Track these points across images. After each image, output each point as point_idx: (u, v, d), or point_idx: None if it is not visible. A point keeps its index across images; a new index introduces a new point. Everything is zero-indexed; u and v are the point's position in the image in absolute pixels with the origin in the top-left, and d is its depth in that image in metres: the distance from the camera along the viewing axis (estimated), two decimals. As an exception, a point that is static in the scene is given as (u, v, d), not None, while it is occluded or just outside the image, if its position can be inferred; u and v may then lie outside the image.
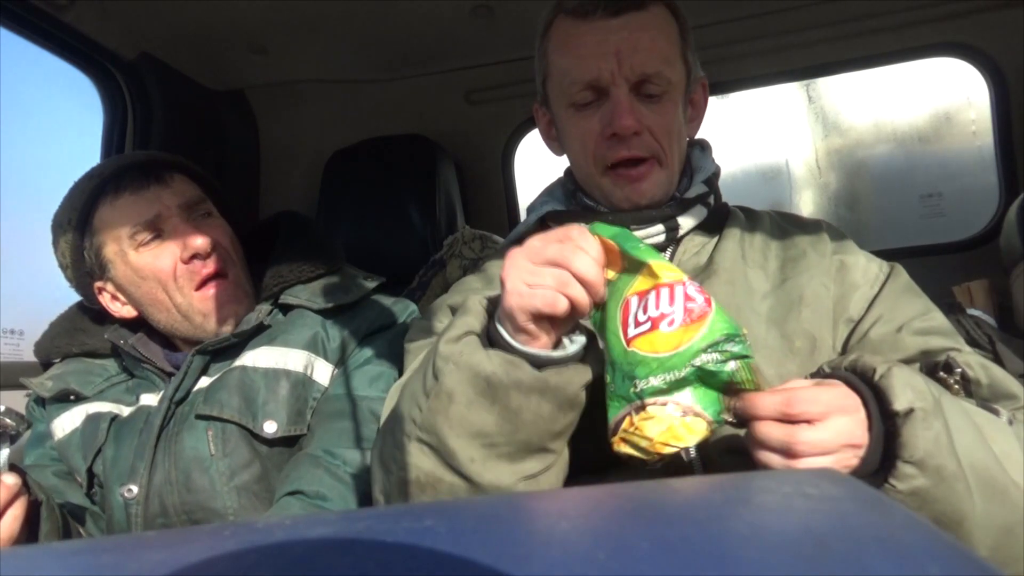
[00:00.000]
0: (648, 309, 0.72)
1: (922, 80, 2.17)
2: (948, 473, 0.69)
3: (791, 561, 0.31)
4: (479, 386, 0.73)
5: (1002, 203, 1.86)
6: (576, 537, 0.35)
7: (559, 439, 0.79)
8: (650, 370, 0.71)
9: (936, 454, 0.68)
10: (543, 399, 0.74)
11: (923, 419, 0.69)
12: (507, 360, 0.73)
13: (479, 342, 0.76)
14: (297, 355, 1.20)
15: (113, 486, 1.17)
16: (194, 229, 1.20)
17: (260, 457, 1.16)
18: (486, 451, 0.75)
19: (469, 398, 0.74)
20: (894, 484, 0.68)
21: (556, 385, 0.74)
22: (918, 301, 0.98)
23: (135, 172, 1.22)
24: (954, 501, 0.69)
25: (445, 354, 0.76)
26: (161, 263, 1.19)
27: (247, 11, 1.64)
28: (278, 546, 0.35)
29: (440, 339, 0.78)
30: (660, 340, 0.71)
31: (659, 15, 1.00)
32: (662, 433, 0.71)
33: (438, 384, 0.75)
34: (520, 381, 0.73)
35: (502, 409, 0.74)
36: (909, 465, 0.68)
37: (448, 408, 0.75)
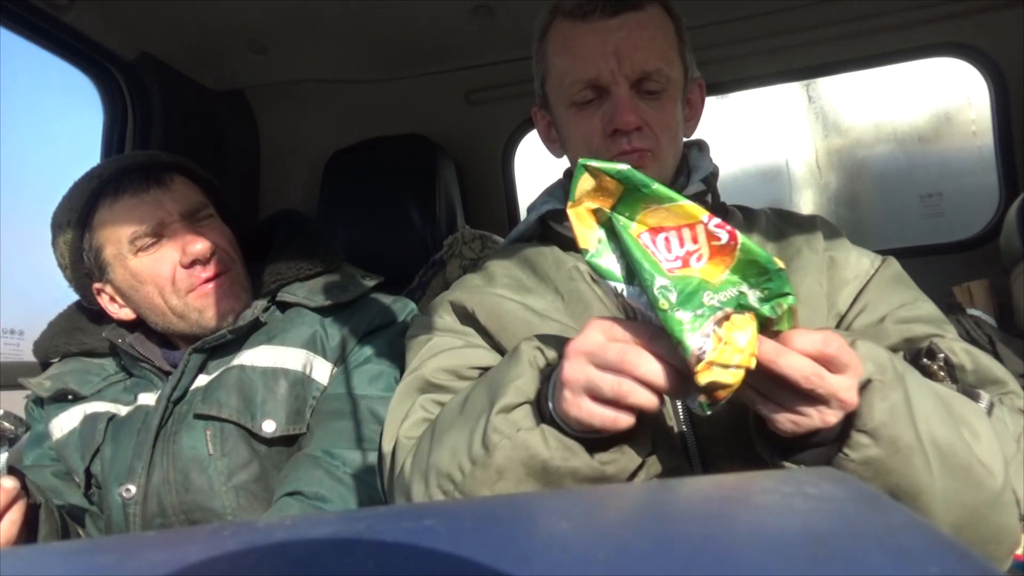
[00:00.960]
0: (671, 248, 0.67)
1: (922, 80, 2.17)
2: (903, 444, 0.69)
3: (791, 561, 0.31)
4: (533, 468, 0.71)
5: (1002, 203, 1.86)
6: (576, 537, 0.35)
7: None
8: (709, 287, 0.65)
9: (891, 424, 0.68)
10: (592, 482, 0.72)
11: (879, 390, 0.69)
12: (564, 446, 0.70)
13: (533, 414, 0.73)
14: (296, 354, 1.20)
15: (111, 486, 1.17)
16: (195, 234, 1.20)
17: (259, 457, 1.16)
18: None
19: (519, 477, 0.72)
20: (847, 453, 0.68)
21: (612, 474, 0.72)
22: (905, 291, 0.98)
23: (135, 174, 1.21)
24: (909, 474, 0.69)
25: (499, 427, 0.72)
26: (160, 268, 1.19)
27: (247, 11, 1.64)
28: (278, 546, 0.35)
29: (494, 403, 0.73)
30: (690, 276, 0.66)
31: (656, 15, 1.01)
32: (750, 342, 0.64)
33: (488, 457, 0.72)
34: (577, 470, 0.70)
35: (550, 487, 0.72)
36: (862, 434, 0.68)
37: (495, 483, 0.72)
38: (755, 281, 0.66)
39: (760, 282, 0.66)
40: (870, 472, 0.68)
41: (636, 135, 0.97)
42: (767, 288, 0.65)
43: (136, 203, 1.18)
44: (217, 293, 1.21)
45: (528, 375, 0.74)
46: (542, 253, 1.06)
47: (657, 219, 0.68)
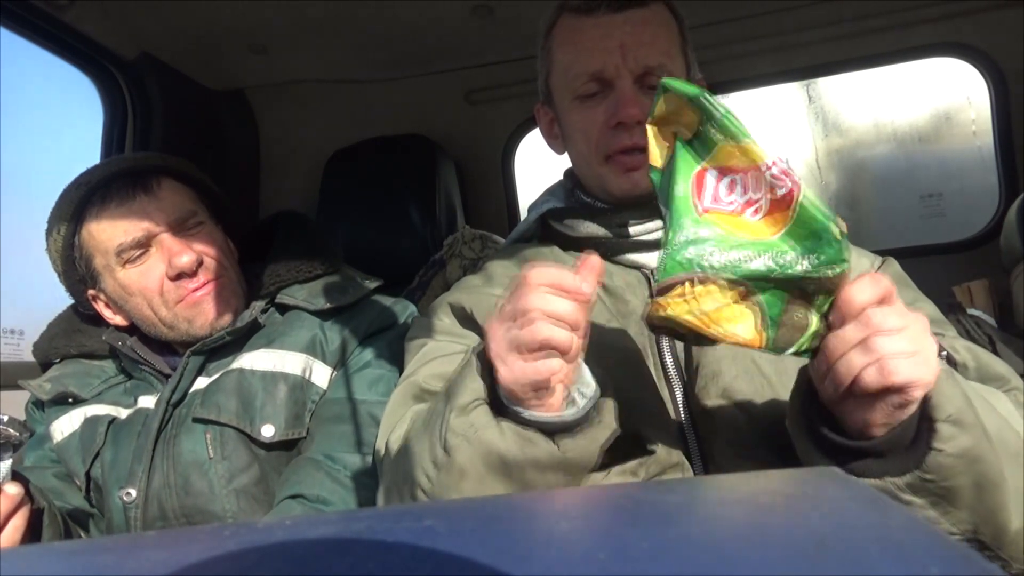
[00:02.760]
0: (732, 191, 0.67)
1: (922, 80, 2.17)
2: (981, 431, 0.67)
3: (791, 561, 0.31)
4: (493, 463, 0.71)
5: (1002, 203, 1.86)
6: (576, 537, 0.35)
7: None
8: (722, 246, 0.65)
9: (967, 411, 0.67)
10: (558, 473, 0.72)
11: (947, 378, 0.67)
12: (521, 436, 0.71)
13: (489, 412, 0.73)
14: (295, 358, 1.19)
15: (112, 489, 1.17)
16: (181, 246, 1.18)
17: (259, 460, 1.16)
18: None
19: (481, 475, 0.72)
20: (940, 448, 0.65)
21: (574, 460, 0.72)
22: (906, 292, 0.98)
23: (121, 181, 1.19)
24: (992, 461, 0.67)
25: (456, 428, 0.73)
26: (147, 280, 1.18)
27: (247, 11, 1.64)
28: (278, 546, 0.35)
29: (449, 407, 0.74)
30: (741, 225, 0.66)
31: (660, 12, 1.02)
32: (717, 311, 0.65)
33: (449, 459, 0.73)
34: (537, 460, 0.71)
35: (517, 485, 0.72)
36: (947, 424, 0.66)
37: (459, 484, 0.73)
38: (808, 246, 0.65)
39: (814, 247, 0.64)
40: (963, 464, 0.66)
41: (638, 129, 0.98)
42: (820, 255, 0.64)
43: (122, 212, 1.16)
44: (205, 302, 1.19)
45: (475, 376, 0.75)
46: (541, 253, 1.06)
47: (727, 156, 0.67)
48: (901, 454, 0.68)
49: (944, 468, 0.66)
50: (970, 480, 0.67)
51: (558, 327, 0.67)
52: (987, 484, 0.68)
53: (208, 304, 1.20)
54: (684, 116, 0.69)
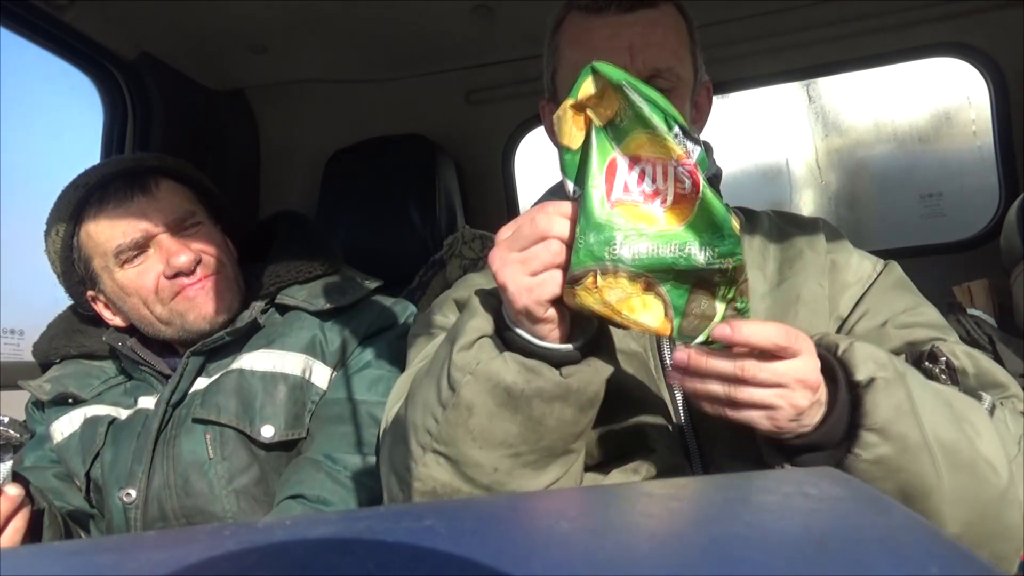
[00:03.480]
0: (642, 181, 0.69)
1: (922, 80, 2.17)
2: (912, 442, 0.69)
3: (791, 561, 0.31)
4: (499, 396, 0.72)
5: (1002, 203, 1.86)
6: (576, 537, 0.35)
7: (580, 439, 0.78)
8: (629, 238, 0.68)
9: (898, 421, 0.69)
10: (566, 404, 0.73)
11: (883, 388, 0.69)
12: (526, 367, 0.72)
13: (493, 346, 0.74)
14: (295, 358, 1.19)
15: (112, 490, 1.17)
16: (179, 246, 1.18)
17: (259, 460, 1.16)
18: (511, 461, 0.74)
19: (490, 409, 0.72)
20: (858, 453, 0.69)
21: (577, 388, 0.73)
22: (908, 296, 0.98)
23: (119, 182, 1.19)
24: (919, 471, 0.69)
25: (460, 363, 0.73)
26: (144, 280, 1.18)
27: (247, 11, 1.64)
28: (278, 546, 0.35)
29: (453, 346, 0.75)
30: (646, 216, 0.69)
31: (670, 14, 1.01)
32: (620, 302, 0.69)
33: (456, 396, 0.73)
34: (542, 389, 0.71)
35: (525, 419, 0.72)
36: (871, 432, 0.68)
37: (468, 420, 0.73)
38: (707, 239, 0.68)
39: (712, 240, 0.68)
40: (881, 471, 0.69)
41: None
42: (717, 248, 0.68)
43: (120, 214, 1.16)
44: (200, 296, 1.19)
45: (482, 315, 0.76)
46: None
47: (638, 146, 0.70)
48: (830, 451, 0.71)
49: (860, 472, 0.69)
50: (892, 486, 0.69)
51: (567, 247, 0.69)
52: (912, 492, 0.70)
53: (203, 298, 1.19)
54: (605, 101, 0.70)
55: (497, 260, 0.72)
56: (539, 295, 0.70)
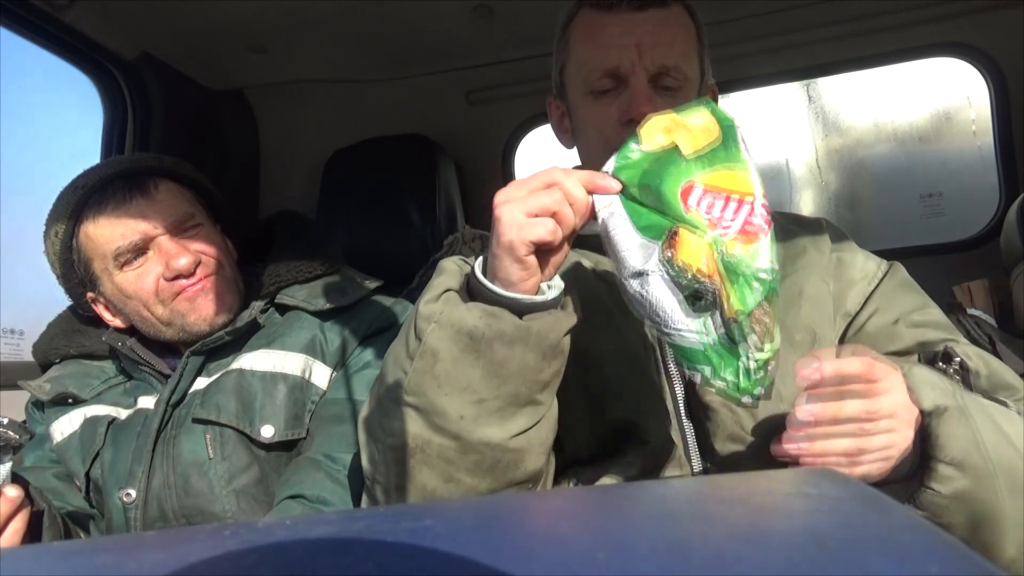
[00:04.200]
0: (712, 209, 0.71)
1: (922, 80, 2.16)
2: (984, 472, 0.68)
3: (791, 561, 0.31)
4: (462, 341, 0.74)
5: (1002, 203, 1.86)
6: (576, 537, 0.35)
7: (546, 390, 0.79)
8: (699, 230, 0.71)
9: (972, 453, 0.68)
10: (527, 348, 0.74)
11: (956, 418, 0.68)
12: (488, 312, 0.74)
13: (459, 298, 0.76)
14: (295, 358, 1.19)
15: (111, 490, 1.16)
16: (179, 248, 1.17)
17: (258, 460, 1.16)
18: (476, 408, 0.75)
19: (454, 355, 0.74)
20: (936, 488, 0.67)
21: (538, 332, 0.74)
22: (915, 296, 0.98)
23: (118, 183, 1.19)
24: (990, 500, 0.68)
25: (425, 314, 0.76)
26: (143, 283, 1.18)
27: (247, 11, 1.64)
28: (278, 546, 0.35)
29: (419, 300, 0.78)
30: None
31: (680, 14, 1.02)
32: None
33: (421, 344, 0.75)
34: (503, 332, 0.73)
35: (487, 363, 0.74)
36: (949, 467, 0.67)
37: (434, 367, 0.75)
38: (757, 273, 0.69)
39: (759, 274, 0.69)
40: (958, 506, 0.67)
41: None
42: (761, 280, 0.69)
43: (119, 215, 1.16)
44: (200, 297, 1.19)
45: (450, 273, 0.80)
46: None
47: (717, 179, 0.72)
48: (899, 483, 0.69)
49: (937, 507, 0.68)
50: (964, 518, 0.68)
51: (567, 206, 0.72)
52: (982, 522, 0.69)
53: (203, 299, 1.19)
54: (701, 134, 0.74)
55: (501, 195, 0.74)
56: (527, 234, 0.72)
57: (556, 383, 0.80)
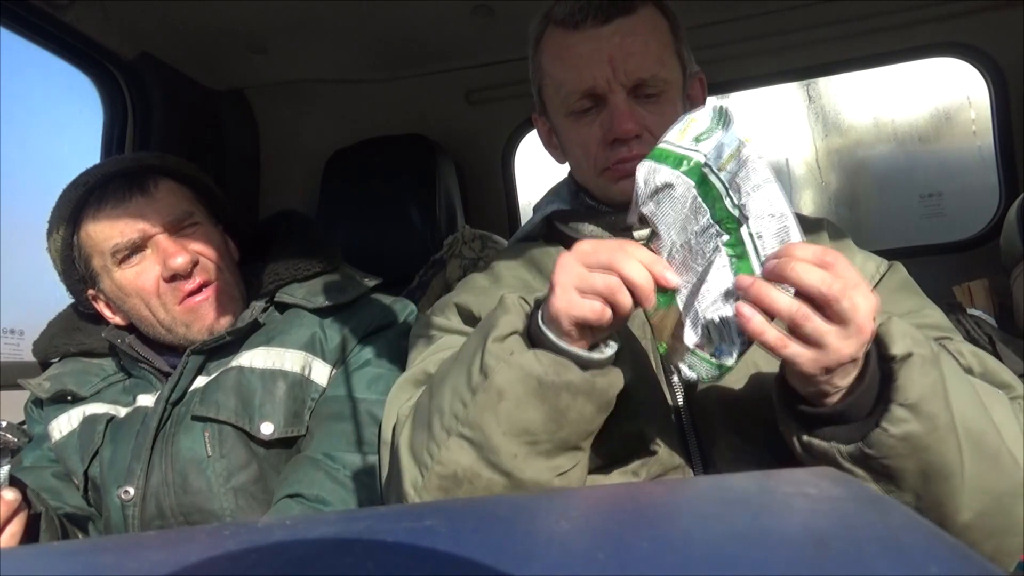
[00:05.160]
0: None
1: (922, 80, 2.16)
2: (941, 423, 0.69)
3: (791, 561, 0.31)
4: (530, 385, 0.74)
5: (1002, 203, 1.86)
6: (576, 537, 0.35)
7: (589, 438, 0.81)
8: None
9: (931, 401, 0.69)
10: (588, 401, 0.75)
11: (920, 365, 0.69)
12: (556, 361, 0.74)
13: (524, 342, 0.77)
14: (294, 356, 1.19)
15: (110, 488, 1.17)
16: (176, 247, 1.17)
17: (257, 458, 1.16)
18: (528, 448, 0.76)
19: (519, 396, 0.74)
20: (886, 428, 0.68)
21: (601, 387, 0.75)
22: (914, 298, 0.98)
23: (118, 181, 1.19)
24: (944, 453, 0.69)
25: (495, 352, 0.76)
26: (142, 281, 1.18)
27: (247, 11, 1.64)
28: (278, 546, 0.35)
29: (488, 336, 0.78)
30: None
31: (649, 17, 1.00)
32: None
33: (487, 381, 0.75)
34: (571, 382, 0.74)
35: (550, 409, 0.74)
36: (903, 408, 0.68)
37: (497, 405, 0.75)
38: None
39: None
40: (907, 449, 0.68)
41: (636, 142, 0.97)
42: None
43: (118, 214, 1.16)
44: (203, 307, 1.19)
45: (515, 312, 0.79)
46: (548, 253, 1.06)
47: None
48: (856, 424, 0.71)
49: (886, 447, 0.68)
50: (915, 466, 0.69)
51: (627, 293, 0.72)
52: (934, 474, 0.69)
53: (206, 309, 1.20)
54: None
55: (564, 261, 0.74)
56: (573, 311, 0.72)
57: (597, 431, 0.82)
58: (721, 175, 0.73)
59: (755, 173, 0.71)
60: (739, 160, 0.72)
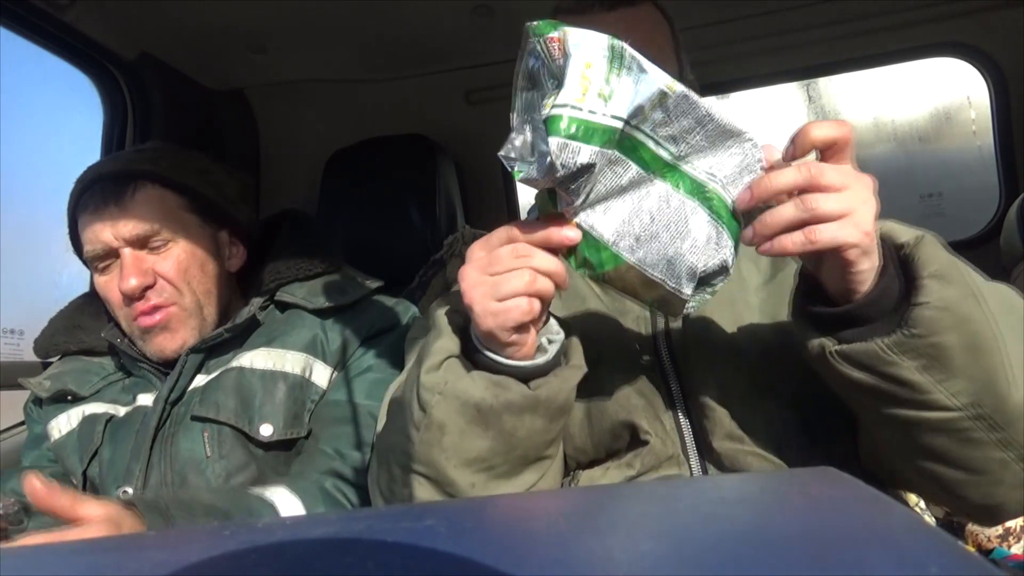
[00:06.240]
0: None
1: (922, 80, 2.16)
2: (971, 290, 0.68)
3: (791, 561, 0.31)
4: (469, 414, 0.72)
5: (1002, 203, 1.86)
6: (576, 537, 0.35)
7: (554, 444, 0.79)
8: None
9: (953, 269, 0.68)
10: (535, 415, 0.73)
11: (932, 243, 0.70)
12: (493, 383, 0.72)
13: (461, 365, 0.74)
14: (295, 357, 1.19)
15: (109, 488, 1.16)
16: (132, 268, 1.14)
17: (256, 460, 1.16)
18: (485, 475, 0.75)
19: (461, 427, 0.73)
20: (924, 300, 0.66)
21: (546, 399, 0.73)
22: None
23: (102, 184, 1.18)
24: (982, 321, 0.68)
25: (428, 384, 0.74)
26: (109, 292, 1.18)
27: (247, 11, 1.64)
28: (278, 546, 0.35)
29: (421, 368, 0.76)
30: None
31: (651, 13, 1.02)
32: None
33: (427, 417, 0.74)
34: (510, 403, 0.72)
35: (496, 433, 0.73)
36: (932, 279, 0.67)
37: (441, 440, 0.74)
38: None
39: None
40: (949, 319, 0.66)
41: None
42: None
43: (93, 221, 1.16)
44: (155, 331, 1.18)
45: (447, 334, 0.76)
46: None
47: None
48: (888, 316, 0.69)
49: (928, 321, 0.66)
50: (959, 339, 0.67)
51: (544, 279, 0.69)
52: (980, 346, 0.68)
53: (156, 332, 1.18)
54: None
55: (466, 280, 0.71)
56: (504, 321, 0.70)
57: (562, 433, 0.80)
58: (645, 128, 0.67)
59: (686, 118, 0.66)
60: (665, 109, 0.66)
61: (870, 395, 0.71)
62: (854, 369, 0.70)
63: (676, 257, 0.69)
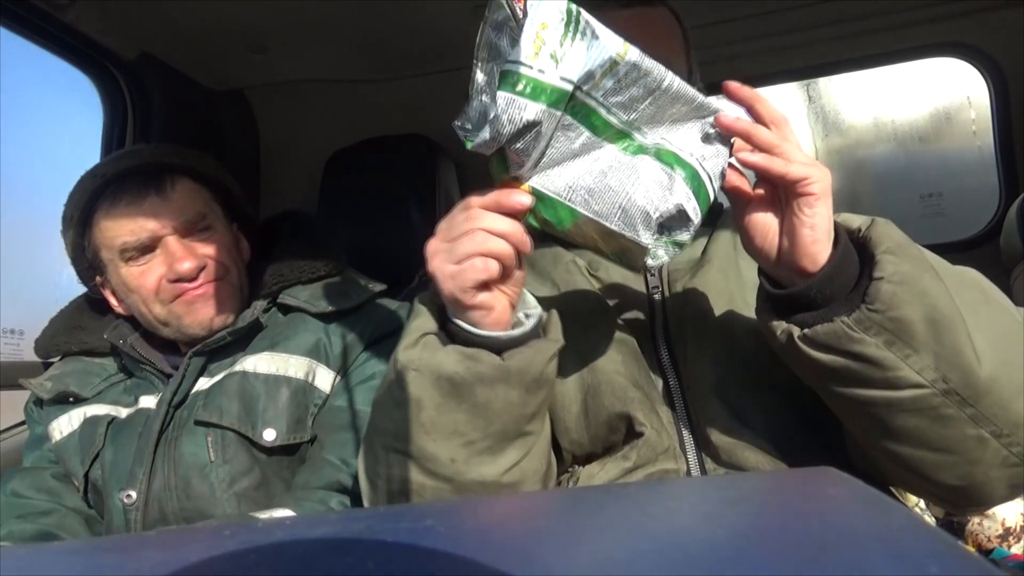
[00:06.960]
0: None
1: (922, 80, 2.16)
2: (927, 265, 0.71)
3: (791, 561, 0.31)
4: (443, 387, 0.73)
5: (1002, 203, 1.86)
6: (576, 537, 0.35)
7: (535, 420, 0.79)
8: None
9: (908, 246, 0.71)
10: (509, 387, 0.74)
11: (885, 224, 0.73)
12: (465, 355, 0.73)
13: (438, 341, 0.76)
14: (298, 361, 1.19)
15: (112, 491, 1.16)
16: (184, 252, 1.17)
17: (260, 464, 1.16)
18: (466, 450, 0.75)
19: (436, 401, 0.74)
20: (880, 275, 0.68)
21: (518, 369, 0.73)
22: None
23: (136, 177, 1.18)
24: (940, 296, 0.70)
25: (404, 361, 0.75)
26: (145, 280, 1.18)
27: (247, 11, 1.64)
28: (278, 546, 0.35)
29: (398, 347, 0.78)
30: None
31: (665, 15, 1.03)
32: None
33: (404, 393, 0.75)
34: (482, 374, 0.73)
35: (471, 406, 0.74)
36: (887, 254, 0.69)
37: (419, 415, 0.75)
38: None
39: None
40: (907, 293, 0.68)
41: None
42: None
43: (132, 212, 1.16)
44: (199, 302, 1.19)
45: (424, 314, 0.79)
46: (541, 252, 1.07)
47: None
48: (848, 297, 0.71)
49: (887, 295, 0.68)
50: (920, 313, 0.69)
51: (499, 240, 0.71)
52: (940, 320, 0.69)
53: (201, 304, 1.19)
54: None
55: (428, 249, 0.74)
56: (462, 282, 0.71)
57: (545, 409, 0.80)
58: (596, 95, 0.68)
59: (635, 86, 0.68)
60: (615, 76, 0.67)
61: (840, 379, 0.73)
62: (821, 352, 0.71)
63: (629, 205, 0.70)
